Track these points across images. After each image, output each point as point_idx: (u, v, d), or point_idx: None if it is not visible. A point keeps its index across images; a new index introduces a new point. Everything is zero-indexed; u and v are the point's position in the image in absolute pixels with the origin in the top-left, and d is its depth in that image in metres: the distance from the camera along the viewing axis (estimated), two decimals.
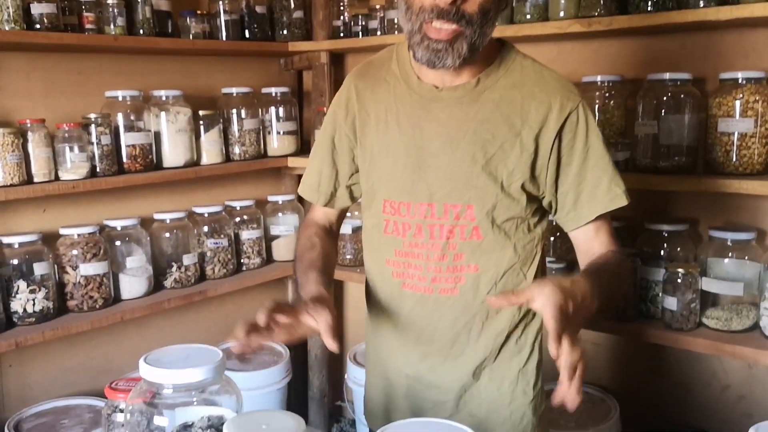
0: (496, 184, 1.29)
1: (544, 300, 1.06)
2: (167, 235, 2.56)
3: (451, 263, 1.32)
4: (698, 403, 2.19)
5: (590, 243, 1.36)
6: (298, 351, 3.08)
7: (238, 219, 2.78)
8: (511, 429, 1.35)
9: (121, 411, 1.17)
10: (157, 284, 2.52)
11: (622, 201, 1.33)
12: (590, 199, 1.32)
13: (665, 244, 2.00)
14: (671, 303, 1.90)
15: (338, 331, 1.17)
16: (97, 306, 2.30)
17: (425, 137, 1.33)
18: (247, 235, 2.80)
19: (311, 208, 1.57)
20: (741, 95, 1.80)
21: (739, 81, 1.82)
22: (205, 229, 2.66)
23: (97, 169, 2.30)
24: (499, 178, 1.29)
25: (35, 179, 2.16)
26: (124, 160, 2.39)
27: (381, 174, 1.38)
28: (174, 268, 2.55)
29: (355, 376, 2.68)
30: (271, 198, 2.94)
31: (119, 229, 2.41)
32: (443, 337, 1.37)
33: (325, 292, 1.32)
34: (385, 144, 1.37)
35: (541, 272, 1.40)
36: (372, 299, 1.47)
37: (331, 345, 1.17)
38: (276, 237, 2.94)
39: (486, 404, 1.37)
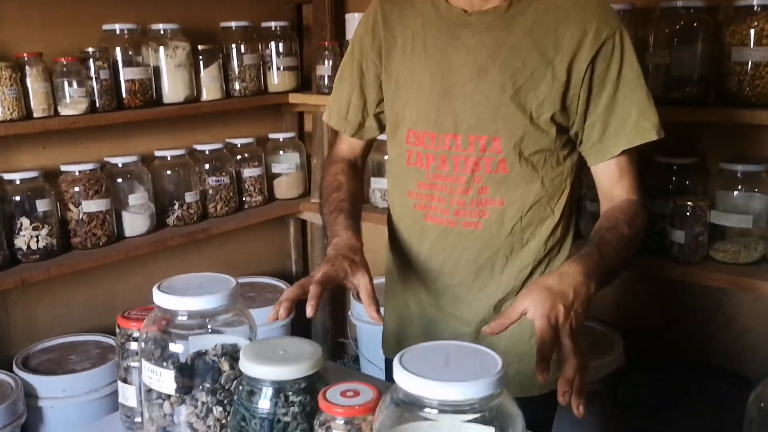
0: (525, 115, 1.24)
1: (532, 311, 1.05)
2: (168, 172, 2.54)
3: (476, 196, 1.29)
4: (703, 336, 2.21)
5: (612, 187, 1.29)
6: None
7: (239, 157, 2.76)
8: (530, 363, 1.33)
9: (135, 340, 1.16)
10: (159, 222, 2.51)
11: (650, 135, 1.26)
12: (617, 132, 1.26)
13: (674, 178, 1.99)
14: (679, 236, 1.90)
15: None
16: (101, 243, 2.29)
17: (452, 65, 1.28)
18: (249, 173, 2.78)
19: (337, 140, 1.53)
20: (756, 23, 1.76)
21: (755, 8, 1.78)
22: (207, 166, 2.63)
23: (97, 105, 2.27)
24: (528, 109, 1.24)
25: (35, 114, 2.13)
26: (124, 95, 2.35)
27: (405, 102, 1.34)
28: (176, 206, 2.53)
29: (358, 313, 2.69)
30: (272, 136, 2.91)
31: (120, 166, 2.39)
32: (466, 271, 1.35)
33: (356, 241, 1.27)
34: (411, 71, 1.33)
35: (569, 208, 1.35)
36: (394, 231, 1.45)
37: (375, 317, 1.16)
38: (277, 175, 2.92)
39: (505, 338, 1.34)
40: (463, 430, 0.81)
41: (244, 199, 2.79)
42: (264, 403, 0.96)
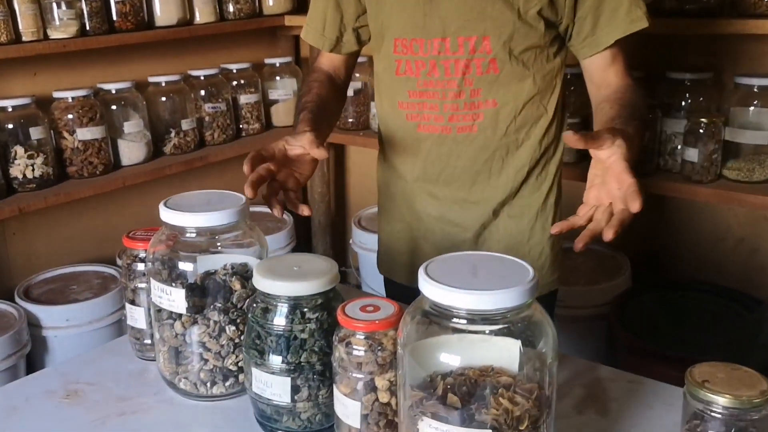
0: (513, 11, 1.21)
1: (614, 151, 1.00)
2: (163, 99, 2.47)
3: (468, 99, 1.27)
4: (711, 257, 2.19)
5: (606, 73, 1.28)
6: (302, 218, 3.05)
7: (235, 83, 2.69)
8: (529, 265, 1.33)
9: (141, 260, 1.12)
10: (156, 151, 2.46)
11: (642, 23, 1.23)
12: (609, 22, 1.23)
13: (687, 94, 1.93)
14: (692, 155, 1.85)
15: (342, 196, 1.12)
16: (98, 172, 2.24)
17: None
18: (245, 99, 2.72)
19: (318, 54, 1.48)
20: None
21: None
22: (202, 93, 2.57)
23: (87, 28, 2.18)
24: (516, 5, 1.21)
25: (23, 38, 2.05)
26: (114, 18, 2.26)
27: (390, 11, 1.29)
28: (173, 134, 2.48)
29: (360, 241, 2.67)
30: (267, 61, 2.83)
31: (114, 92, 2.32)
32: (463, 177, 1.33)
33: (309, 131, 1.22)
34: None
35: (561, 105, 1.34)
36: (386, 147, 1.42)
37: (318, 153, 1.15)
38: (275, 102, 2.85)
39: (505, 241, 1.35)
40: (492, 343, 0.78)
41: (241, 126, 2.74)
42: (279, 320, 0.93)
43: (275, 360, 0.93)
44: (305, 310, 0.93)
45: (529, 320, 0.77)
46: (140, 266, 1.12)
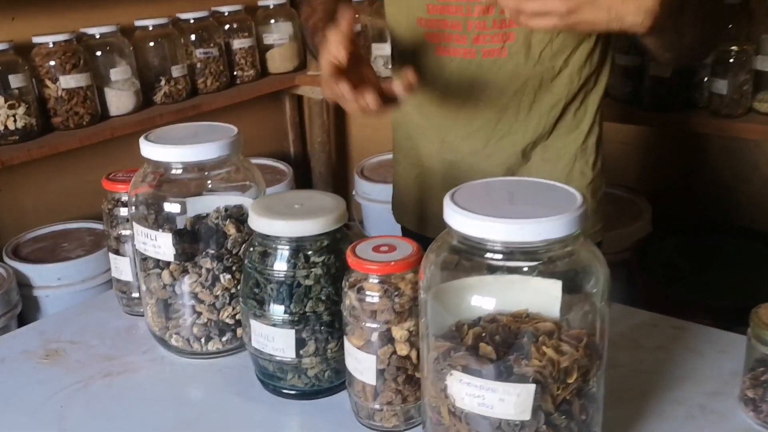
0: None
1: None
2: (151, 44, 2.33)
3: (498, 16, 1.08)
4: (736, 198, 2.06)
5: None
6: (301, 169, 2.94)
7: (227, 27, 2.54)
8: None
9: (124, 205, 1.00)
10: (146, 100, 2.32)
11: None
12: None
13: None
14: (721, 86, 1.72)
15: (343, 144, 0.97)
16: (84, 123, 2.12)
17: None
18: (239, 44, 2.57)
19: None
20: None
21: None
22: (193, 37, 2.42)
23: None
24: None
25: None
26: None
27: None
28: (162, 82, 2.34)
29: (363, 191, 2.55)
30: (261, 3, 2.68)
31: (98, 36, 2.17)
32: (487, 112, 1.15)
33: None
34: None
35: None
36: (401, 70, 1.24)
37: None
38: (270, 47, 2.71)
39: (539, 176, 1.18)
40: (528, 285, 0.66)
41: (235, 73, 2.60)
42: (280, 265, 0.81)
43: (276, 311, 0.81)
44: (309, 253, 0.81)
45: (577, 256, 0.65)
46: (123, 211, 1.00)
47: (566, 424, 0.65)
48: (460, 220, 0.63)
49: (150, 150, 0.88)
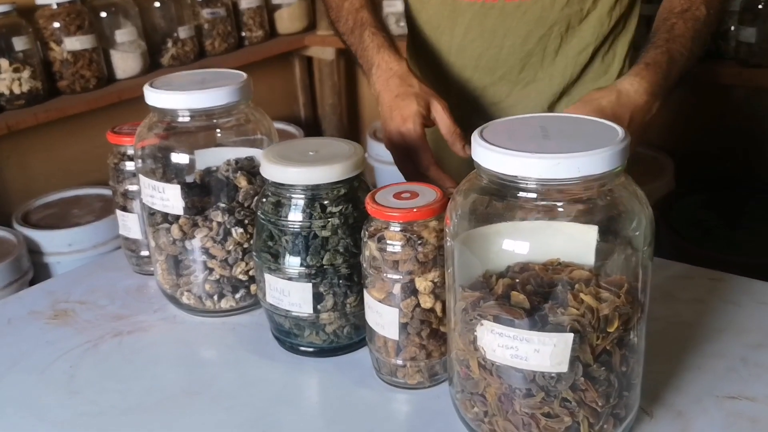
0: None
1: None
2: (157, 4, 2.28)
3: None
4: (764, 153, 1.99)
5: None
6: (312, 132, 2.88)
7: None
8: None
9: (130, 159, 0.96)
10: (153, 63, 2.28)
11: None
12: None
13: None
14: (749, 35, 1.65)
15: (354, 106, 0.91)
16: (90, 86, 2.08)
17: None
18: (246, 3, 2.53)
19: None
20: None
21: None
22: None
23: None
24: None
25: None
26: None
27: None
28: (169, 44, 2.30)
29: (377, 154, 2.50)
30: None
31: None
32: (510, 60, 1.08)
33: (404, 66, 0.99)
34: None
35: None
36: (415, 23, 1.17)
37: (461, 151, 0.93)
38: (278, 6, 2.66)
39: None
40: (560, 231, 0.61)
41: (243, 34, 2.55)
42: (295, 215, 0.77)
43: (292, 264, 0.77)
44: (325, 202, 0.77)
45: (618, 196, 0.60)
46: (129, 165, 0.96)
47: (605, 377, 0.61)
48: (490, 157, 0.57)
49: (155, 97, 0.83)
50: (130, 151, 0.96)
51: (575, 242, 0.61)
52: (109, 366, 0.81)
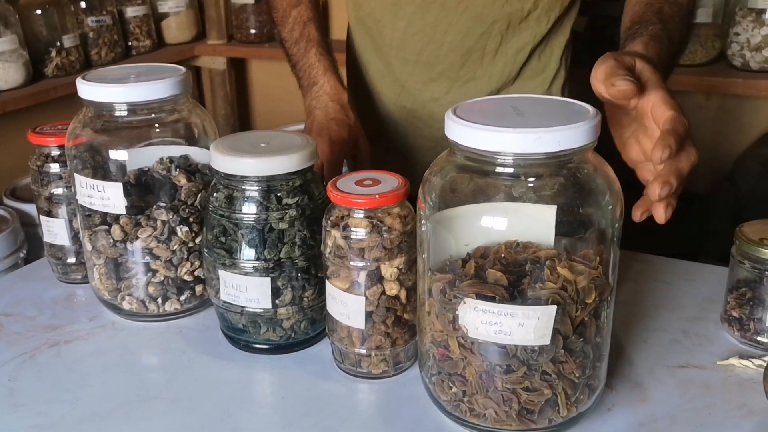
0: None
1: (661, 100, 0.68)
2: (38, 12, 2.16)
3: None
4: None
5: None
6: None
7: None
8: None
9: (54, 160, 0.90)
10: (37, 73, 2.15)
11: None
12: None
13: None
14: None
15: (246, 118, 0.91)
16: None
17: None
18: (132, 12, 2.43)
19: None
20: None
21: None
22: (83, 4, 2.27)
23: None
24: None
25: None
26: None
27: None
28: (53, 53, 2.18)
29: None
30: None
31: None
32: (450, 57, 1.09)
33: (343, 91, 1.04)
34: None
35: None
36: (356, 15, 1.16)
37: None
38: (165, 15, 2.58)
39: None
40: (522, 213, 0.62)
41: (130, 43, 2.46)
42: (250, 208, 0.75)
43: (249, 258, 0.75)
44: (281, 194, 0.75)
45: (593, 169, 0.62)
46: (54, 167, 0.90)
47: (581, 348, 0.63)
48: (469, 134, 0.58)
49: (91, 91, 0.79)
50: (55, 152, 0.90)
51: (536, 223, 0.63)
52: (51, 377, 0.76)
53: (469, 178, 0.62)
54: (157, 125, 0.83)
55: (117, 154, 0.81)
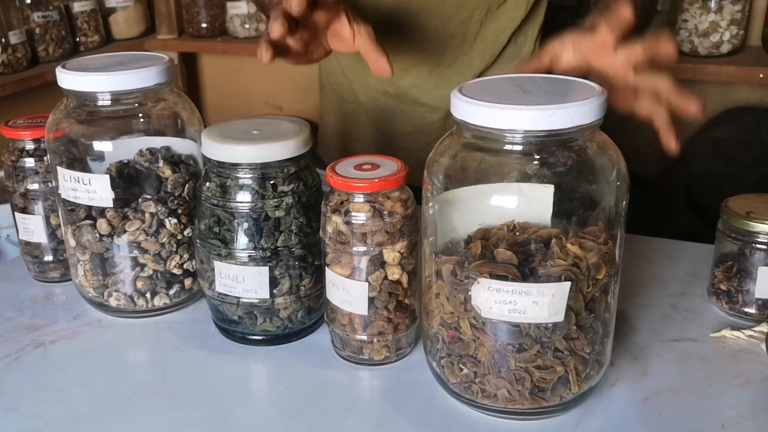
0: None
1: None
2: None
3: None
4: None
5: None
6: None
7: None
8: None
9: (30, 154, 0.87)
10: None
11: None
12: None
13: None
14: None
15: (200, 110, 0.88)
16: None
17: None
18: (79, 6, 2.37)
19: None
20: None
21: None
22: (28, 0, 2.19)
23: None
24: None
25: None
26: None
27: None
28: None
29: None
30: None
31: None
32: (432, 43, 1.10)
33: None
34: None
35: None
36: None
37: (387, 70, 0.84)
38: (112, 10, 2.52)
39: None
40: (519, 193, 0.62)
41: (78, 39, 2.39)
42: (245, 196, 0.73)
43: (245, 246, 0.73)
44: (276, 181, 0.74)
45: (600, 146, 0.62)
46: (29, 162, 0.87)
47: (591, 324, 0.63)
48: (480, 112, 0.58)
49: (73, 80, 0.76)
50: (29, 146, 0.87)
51: (532, 205, 0.63)
52: (40, 377, 0.73)
53: (479, 157, 0.61)
54: (140, 115, 0.80)
55: (101, 146, 0.78)
